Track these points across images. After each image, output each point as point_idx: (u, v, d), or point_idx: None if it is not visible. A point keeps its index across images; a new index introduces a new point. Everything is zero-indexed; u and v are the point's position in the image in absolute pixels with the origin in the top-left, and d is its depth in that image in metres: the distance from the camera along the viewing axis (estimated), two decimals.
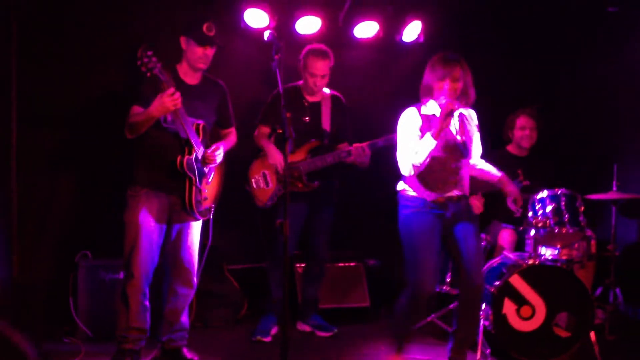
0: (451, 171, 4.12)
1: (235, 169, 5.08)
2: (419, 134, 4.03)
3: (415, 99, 4.19)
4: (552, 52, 6.24)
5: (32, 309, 4.91)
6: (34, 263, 5.05)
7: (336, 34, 5.83)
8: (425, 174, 4.09)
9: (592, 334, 4.53)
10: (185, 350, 4.45)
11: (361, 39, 5.89)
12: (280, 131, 3.66)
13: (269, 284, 5.15)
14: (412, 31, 5.86)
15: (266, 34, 3.79)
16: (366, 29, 5.81)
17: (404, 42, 5.93)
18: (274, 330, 5.08)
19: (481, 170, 4.37)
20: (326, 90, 5.17)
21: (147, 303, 4.25)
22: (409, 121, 4.10)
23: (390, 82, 6.15)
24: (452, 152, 4.12)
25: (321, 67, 4.97)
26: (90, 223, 5.21)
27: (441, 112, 3.93)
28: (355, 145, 4.88)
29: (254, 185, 5.05)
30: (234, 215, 5.34)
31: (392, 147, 4.37)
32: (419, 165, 3.98)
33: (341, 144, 5.12)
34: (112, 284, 4.83)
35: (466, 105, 4.14)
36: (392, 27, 5.88)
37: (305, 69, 4.99)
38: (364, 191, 5.98)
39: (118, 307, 4.23)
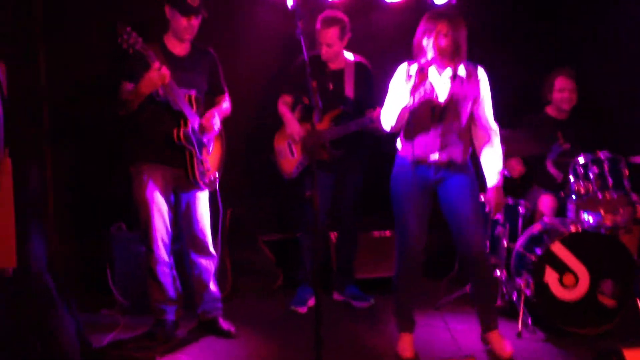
0: (435, 134, 3.95)
1: (264, 137, 5.02)
2: (400, 90, 3.91)
3: None
4: (592, 6, 6.00)
5: (70, 282, 4.94)
6: (71, 236, 5.11)
7: None
8: (409, 134, 3.98)
9: (638, 301, 4.42)
10: (221, 321, 4.48)
11: (391, 2, 5.74)
12: (307, 102, 3.54)
13: (302, 255, 5.12)
14: None
15: (290, 1, 3.66)
16: None
17: (436, 4, 5.74)
18: (310, 301, 5.03)
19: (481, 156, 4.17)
20: (350, 56, 5.04)
21: (175, 272, 4.35)
22: (395, 78, 4.01)
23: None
24: (433, 114, 3.94)
25: (326, 35, 4.84)
26: (124, 194, 5.18)
27: (417, 69, 3.82)
28: (378, 109, 4.76)
29: (279, 156, 5.00)
30: (268, 185, 5.29)
31: None
32: (394, 122, 3.92)
33: (367, 111, 4.99)
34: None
35: (456, 63, 3.93)
36: None
37: (318, 39, 4.88)
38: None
39: (148, 281, 4.29)
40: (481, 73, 4.04)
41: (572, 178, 4.62)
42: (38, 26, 4.78)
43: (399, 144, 4.14)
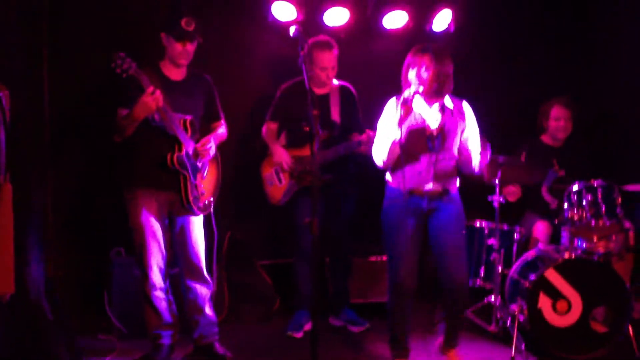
0: (425, 164, 4.00)
1: (256, 164, 5.09)
2: (390, 125, 3.98)
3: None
4: (587, 35, 6.09)
5: (68, 306, 4.97)
6: (69, 261, 5.11)
7: (365, 25, 5.77)
8: (400, 165, 4.01)
9: (630, 328, 4.44)
10: (217, 346, 4.48)
11: (390, 29, 5.80)
12: (307, 129, 3.62)
13: (297, 280, 5.15)
14: (442, 20, 5.77)
15: (292, 30, 3.74)
16: (395, 19, 5.72)
17: (434, 31, 5.83)
18: (307, 326, 5.06)
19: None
20: (335, 81, 5.12)
21: (171, 297, 4.38)
22: (384, 113, 4.09)
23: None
24: (423, 144, 3.99)
25: (329, 58, 4.94)
26: (124, 220, 5.23)
27: (400, 102, 3.89)
28: (367, 132, 4.83)
29: (266, 183, 5.07)
30: (264, 210, 5.33)
31: None
32: (385, 156, 3.99)
33: (352, 135, 5.05)
34: None
35: (442, 96, 4.01)
36: (421, 17, 5.78)
37: (314, 64, 4.94)
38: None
39: (144, 307, 4.31)
40: (466, 106, 4.11)
41: (566, 205, 4.68)
42: (43, 51, 4.84)
43: (388, 176, 4.19)
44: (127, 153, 4.27)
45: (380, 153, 4.03)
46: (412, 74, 3.97)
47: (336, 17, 5.60)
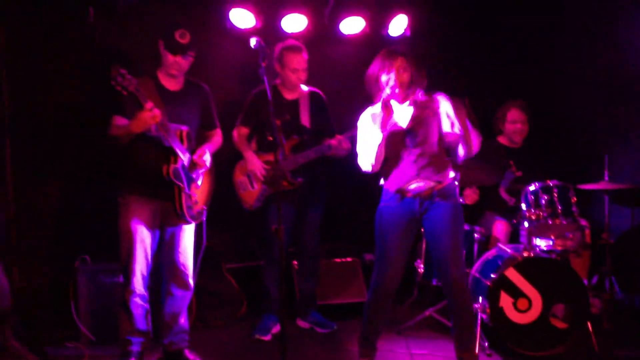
0: (408, 162, 4.05)
1: (226, 169, 5.11)
2: (368, 132, 4.06)
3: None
4: (541, 40, 6.24)
5: (34, 316, 4.94)
6: (34, 270, 5.09)
7: (322, 31, 5.84)
8: (387, 166, 4.11)
9: (589, 324, 4.58)
10: (187, 352, 4.51)
11: (348, 34, 5.89)
12: (271, 138, 3.67)
13: (266, 284, 5.19)
14: (398, 25, 5.86)
15: (253, 42, 3.78)
16: (352, 25, 5.81)
17: (391, 36, 5.92)
18: (274, 329, 5.11)
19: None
20: (304, 87, 5.19)
21: (147, 305, 4.35)
22: (362, 121, 4.15)
23: None
24: (401, 142, 4.05)
25: (300, 60, 5.01)
26: (88, 228, 5.23)
27: (381, 104, 3.96)
28: (336, 137, 4.92)
29: (240, 188, 5.09)
30: (231, 214, 5.37)
31: None
32: (373, 160, 4.02)
33: (323, 139, 5.13)
34: (112, 287, 4.84)
35: (414, 91, 4.08)
36: (378, 22, 5.87)
37: (285, 66, 5.00)
38: (360, 185, 5.98)
39: (119, 312, 4.31)
40: (440, 97, 4.11)
41: (524, 205, 4.81)
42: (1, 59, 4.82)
43: (382, 180, 4.23)
44: (122, 160, 4.28)
45: (366, 158, 4.05)
46: (385, 77, 4.00)
47: (294, 23, 5.65)
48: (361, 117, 4.18)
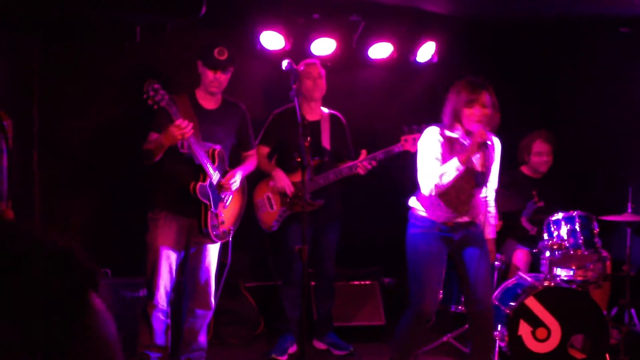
0: (465, 197, 4.10)
1: (250, 187, 5.17)
2: (439, 155, 4.01)
3: (430, 119, 4.23)
4: (568, 70, 6.27)
5: None
6: None
7: (351, 55, 5.89)
8: (439, 196, 4.08)
9: (607, 356, 4.56)
10: None
11: (375, 59, 5.94)
12: (299, 160, 3.71)
13: (283, 304, 5.20)
14: (426, 52, 5.91)
15: (284, 63, 3.85)
16: (380, 50, 5.87)
17: (418, 62, 5.97)
18: (291, 349, 5.13)
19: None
20: (324, 109, 5.25)
21: (168, 321, 4.39)
22: (431, 141, 4.06)
23: (404, 102, 6.20)
24: (469, 179, 4.08)
25: (315, 69, 5.07)
26: (110, 242, 5.28)
27: (473, 140, 3.90)
28: (361, 159, 4.97)
29: (259, 209, 5.13)
30: (251, 233, 5.40)
31: (392, 159, 4.69)
32: (442, 186, 3.96)
33: (343, 161, 5.18)
34: (132, 301, 4.89)
35: (492, 132, 4.11)
36: (406, 48, 5.92)
37: (303, 77, 5.00)
38: (380, 208, 6.03)
39: (140, 325, 4.35)
40: (497, 142, 4.22)
41: (545, 235, 4.82)
42: (34, 78, 4.91)
43: (416, 203, 4.21)
44: (156, 176, 4.37)
45: (434, 182, 3.96)
46: (472, 111, 3.95)
47: (323, 47, 5.72)
48: (428, 136, 4.10)
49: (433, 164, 4.01)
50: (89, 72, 5.25)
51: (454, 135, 4.06)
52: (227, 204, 4.47)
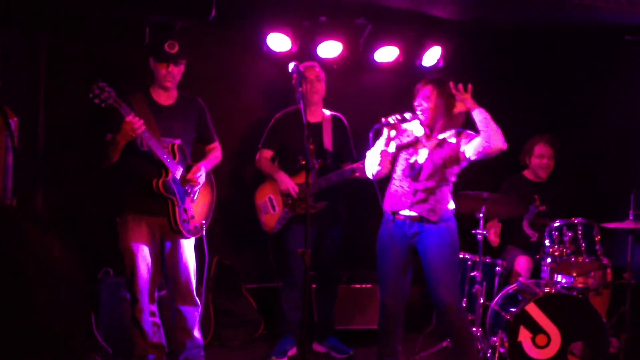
0: (410, 191, 4.20)
1: (248, 190, 5.18)
2: (383, 142, 4.23)
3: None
4: (573, 75, 6.28)
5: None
6: None
7: (357, 58, 5.91)
8: (389, 190, 4.30)
9: None
10: None
11: (381, 63, 5.96)
12: (304, 162, 3.72)
13: (283, 306, 5.21)
14: (431, 56, 5.93)
15: (290, 66, 3.86)
16: (386, 54, 5.88)
17: (424, 66, 5.98)
18: (291, 352, 5.14)
19: None
20: (326, 111, 5.26)
21: (158, 320, 4.42)
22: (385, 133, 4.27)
23: (409, 106, 6.18)
24: (408, 173, 4.23)
25: (313, 72, 5.08)
26: (113, 241, 5.29)
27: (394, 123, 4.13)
28: (363, 162, 4.96)
29: (261, 211, 5.14)
30: (251, 235, 5.42)
31: None
32: (374, 172, 4.22)
33: (344, 163, 5.19)
34: None
35: (437, 126, 4.26)
36: (412, 52, 5.94)
37: (305, 81, 4.97)
38: (382, 210, 6.02)
39: (131, 329, 4.37)
40: (464, 140, 4.25)
41: (547, 241, 4.82)
42: (41, 76, 4.93)
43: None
44: (118, 179, 4.36)
45: (370, 165, 4.26)
46: (415, 103, 4.22)
47: (329, 49, 5.73)
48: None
49: (374, 148, 4.24)
50: (96, 70, 5.26)
51: (409, 127, 4.33)
52: (195, 198, 4.46)
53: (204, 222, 4.49)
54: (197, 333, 4.53)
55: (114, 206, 4.46)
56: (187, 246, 4.47)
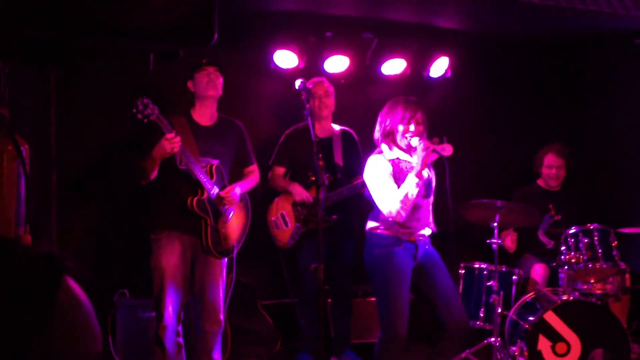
0: (423, 209, 4.14)
1: (261, 207, 5.18)
2: (391, 179, 4.03)
3: (443, 133, 4.22)
4: (584, 83, 6.26)
5: None
6: None
7: (364, 72, 5.91)
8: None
9: None
10: None
11: (389, 75, 5.95)
12: (314, 178, 3.72)
13: (300, 322, 5.20)
14: (439, 67, 5.92)
15: (297, 83, 3.87)
16: (394, 66, 5.88)
17: (431, 77, 5.98)
18: None
19: None
20: (336, 126, 5.27)
21: (181, 340, 4.39)
22: (381, 167, 4.08)
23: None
24: (424, 192, 4.12)
25: (322, 86, 5.11)
26: (128, 263, 5.31)
27: (424, 151, 3.93)
28: None
29: (273, 227, 5.14)
30: (267, 251, 5.42)
31: None
32: (407, 204, 3.94)
33: (355, 177, 5.18)
34: (150, 322, 4.87)
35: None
36: (419, 64, 5.94)
37: (314, 97, 4.93)
38: None
39: (154, 349, 4.35)
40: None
41: (563, 248, 4.79)
42: (51, 104, 4.95)
43: (374, 224, 4.19)
44: (154, 196, 4.39)
45: (399, 206, 3.95)
46: (402, 127, 4.06)
47: (337, 64, 5.74)
48: (375, 162, 4.13)
49: (391, 186, 4.01)
50: (105, 97, 5.29)
51: (395, 157, 4.11)
52: (229, 218, 4.45)
53: (235, 244, 4.48)
54: (217, 354, 4.53)
55: (147, 224, 4.44)
56: (218, 267, 4.46)
